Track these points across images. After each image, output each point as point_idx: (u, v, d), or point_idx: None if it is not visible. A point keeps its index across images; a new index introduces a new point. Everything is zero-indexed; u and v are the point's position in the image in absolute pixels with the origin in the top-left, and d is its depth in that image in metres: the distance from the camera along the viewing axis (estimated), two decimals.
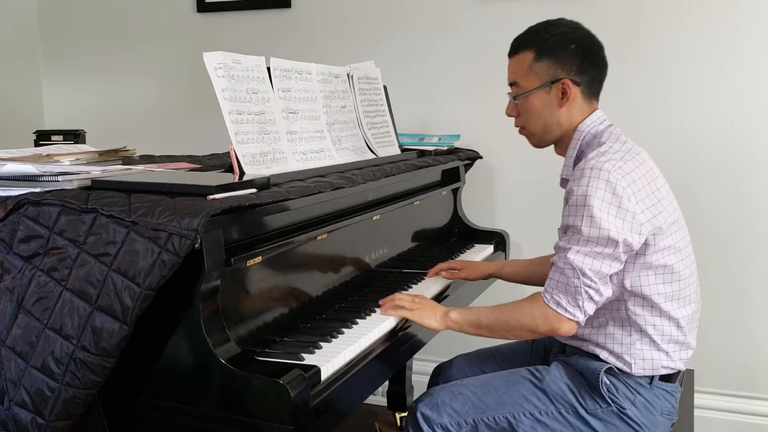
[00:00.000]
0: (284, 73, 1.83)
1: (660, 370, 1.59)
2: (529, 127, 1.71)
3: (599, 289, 1.49)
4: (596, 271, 1.48)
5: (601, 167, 1.50)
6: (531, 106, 1.67)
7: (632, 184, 1.50)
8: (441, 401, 1.65)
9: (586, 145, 1.64)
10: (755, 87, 2.41)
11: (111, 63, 3.31)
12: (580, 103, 1.65)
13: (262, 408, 1.25)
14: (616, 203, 1.48)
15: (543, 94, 1.65)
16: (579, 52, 1.63)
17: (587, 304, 1.49)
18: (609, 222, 1.47)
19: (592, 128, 1.64)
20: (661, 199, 1.55)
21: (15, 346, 1.30)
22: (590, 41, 1.66)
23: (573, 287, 1.49)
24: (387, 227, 2.03)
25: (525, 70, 1.66)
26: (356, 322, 1.62)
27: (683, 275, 1.58)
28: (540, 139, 1.72)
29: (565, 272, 1.50)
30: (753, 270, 2.50)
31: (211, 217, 1.24)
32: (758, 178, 2.45)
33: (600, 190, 1.48)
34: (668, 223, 1.55)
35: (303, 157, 1.80)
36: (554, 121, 1.66)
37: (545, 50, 1.64)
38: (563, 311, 1.50)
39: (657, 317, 1.57)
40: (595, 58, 1.65)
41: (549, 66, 1.63)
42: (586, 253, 1.48)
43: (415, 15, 2.80)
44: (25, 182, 1.46)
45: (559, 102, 1.64)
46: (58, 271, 1.29)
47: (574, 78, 1.63)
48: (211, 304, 1.31)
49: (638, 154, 1.58)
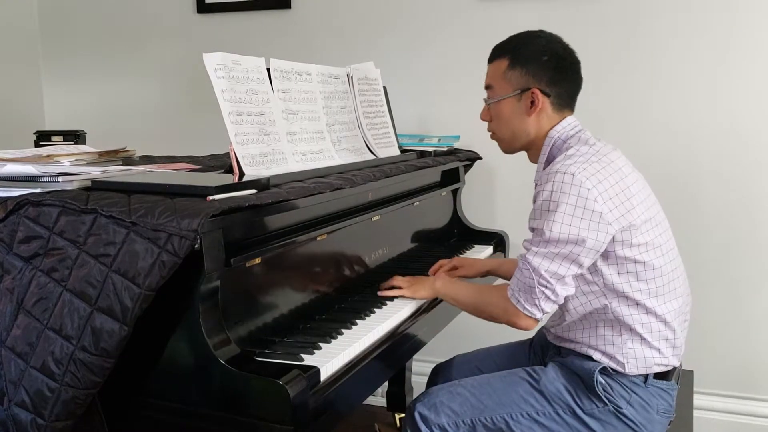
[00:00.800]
0: (284, 74, 1.83)
1: (653, 368, 1.60)
2: (498, 133, 1.76)
3: (555, 289, 1.54)
4: (552, 273, 1.53)
5: (565, 170, 1.53)
6: (501, 113, 1.72)
7: (598, 184, 1.52)
8: (439, 401, 1.65)
9: (556, 150, 1.67)
10: (754, 87, 2.42)
11: (111, 64, 3.31)
12: (549, 113, 1.68)
13: (261, 408, 1.25)
14: (581, 205, 1.50)
15: (513, 102, 1.69)
16: (551, 64, 1.66)
17: (543, 303, 1.56)
18: (572, 224, 1.50)
19: (562, 134, 1.67)
20: (630, 197, 1.56)
21: (15, 346, 1.31)
22: (565, 55, 1.69)
23: (529, 287, 1.56)
24: (387, 228, 2.03)
25: (499, 76, 1.71)
26: (356, 323, 1.62)
27: (665, 271, 1.59)
28: (508, 145, 1.77)
29: (523, 272, 1.57)
30: (752, 270, 2.50)
31: (210, 218, 1.24)
32: (758, 178, 2.45)
33: (564, 193, 1.51)
34: (641, 220, 1.56)
35: (303, 158, 1.80)
36: (522, 128, 1.70)
37: (519, 59, 1.67)
38: (522, 308, 1.57)
39: (644, 314, 1.58)
40: (568, 71, 1.68)
41: (521, 75, 1.67)
42: (543, 255, 1.53)
43: (414, 16, 2.80)
44: (25, 183, 1.47)
45: (527, 110, 1.68)
46: (58, 271, 1.29)
47: (543, 89, 1.66)
48: (211, 305, 1.31)
49: (606, 155, 1.59)
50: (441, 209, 2.51)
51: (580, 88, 1.72)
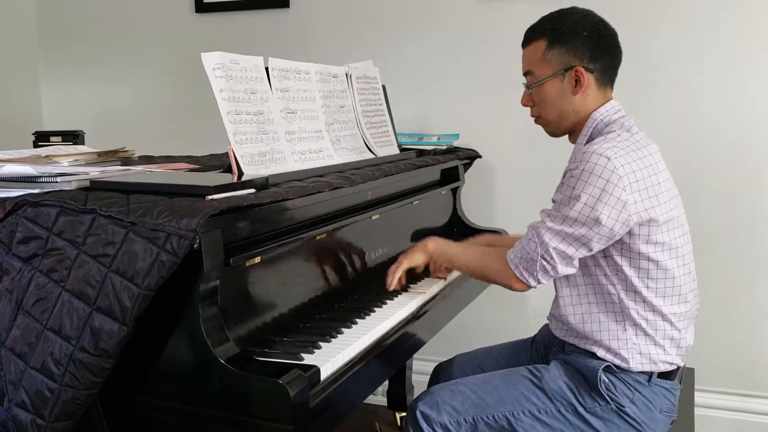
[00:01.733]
0: (282, 73, 1.83)
1: (659, 365, 1.59)
2: (544, 116, 1.72)
3: (556, 266, 1.56)
4: (560, 251, 1.54)
5: (602, 152, 1.51)
6: (545, 95, 1.68)
7: (630, 174, 1.51)
8: (440, 400, 1.65)
9: (597, 133, 1.65)
10: (760, 85, 2.41)
11: (110, 64, 3.31)
12: (594, 90, 1.65)
13: (261, 408, 1.25)
14: (609, 190, 1.49)
15: (557, 82, 1.66)
16: (591, 39, 1.63)
17: (541, 276, 1.58)
18: (595, 207, 1.49)
19: (605, 117, 1.65)
20: (659, 193, 1.55)
21: (14, 347, 1.30)
22: (603, 28, 1.66)
23: (531, 258, 1.57)
24: (386, 227, 2.03)
25: (538, 58, 1.67)
26: (356, 322, 1.62)
27: (677, 273, 1.58)
28: (556, 127, 1.72)
29: (530, 242, 1.58)
30: (754, 268, 2.50)
31: (209, 218, 1.24)
32: (759, 177, 2.45)
33: (595, 175, 1.50)
34: (664, 219, 1.55)
35: (302, 157, 1.80)
36: (569, 108, 1.67)
37: (557, 38, 1.64)
38: (519, 274, 1.60)
39: (649, 312, 1.58)
40: (608, 44, 1.66)
41: (562, 54, 1.64)
42: (557, 232, 1.53)
43: (413, 14, 2.80)
44: (24, 183, 1.46)
45: (573, 90, 1.65)
46: (57, 271, 1.29)
47: (587, 65, 1.63)
48: (210, 305, 1.31)
49: (645, 147, 1.58)
50: (440, 208, 2.50)
51: (620, 59, 1.69)
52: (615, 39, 1.68)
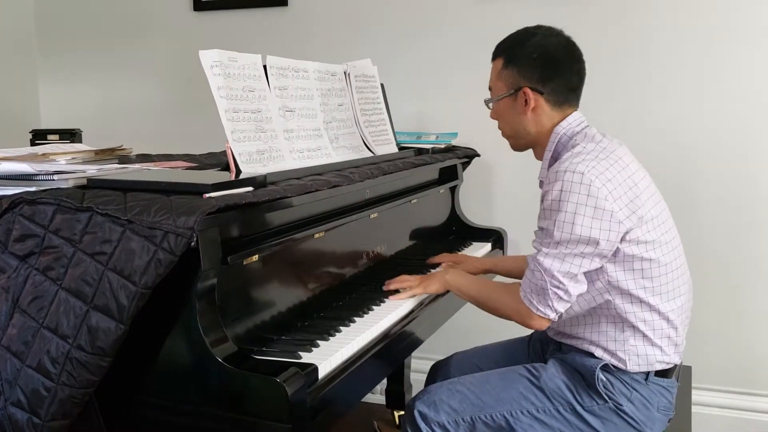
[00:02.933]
0: (281, 71, 1.83)
1: (655, 365, 1.59)
2: (503, 132, 1.78)
3: (567, 289, 1.53)
4: (565, 272, 1.52)
5: (574, 169, 1.51)
6: (501, 112, 1.73)
7: (607, 183, 1.51)
8: (438, 399, 1.65)
9: (561, 147, 1.66)
10: (759, 86, 2.41)
11: (107, 62, 3.30)
12: (546, 110, 1.67)
13: (259, 406, 1.24)
14: (591, 204, 1.49)
15: (509, 101, 1.70)
16: (540, 62, 1.65)
17: (557, 304, 1.55)
18: (583, 224, 1.49)
19: (568, 130, 1.66)
20: (639, 194, 1.55)
21: (10, 345, 1.30)
22: (557, 51, 1.66)
23: (541, 289, 1.55)
24: (384, 225, 2.02)
25: (495, 76, 1.73)
26: (354, 320, 1.62)
27: (670, 268, 1.58)
28: (515, 143, 1.77)
29: (535, 274, 1.56)
30: (752, 267, 2.50)
31: (207, 216, 1.24)
32: (757, 177, 2.45)
33: (574, 193, 1.50)
34: (649, 217, 1.55)
35: (300, 156, 1.79)
36: (521, 127, 1.70)
37: (511, 59, 1.68)
38: (535, 309, 1.56)
39: (646, 312, 1.57)
40: (560, 67, 1.66)
41: (513, 74, 1.68)
42: (554, 256, 1.52)
43: (412, 13, 2.80)
44: (21, 181, 1.46)
45: (523, 109, 1.68)
46: (54, 270, 1.29)
47: (534, 86, 1.65)
48: (208, 303, 1.30)
49: (613, 152, 1.58)
50: (439, 206, 2.50)
51: (579, 81, 1.69)
52: (572, 62, 1.67)
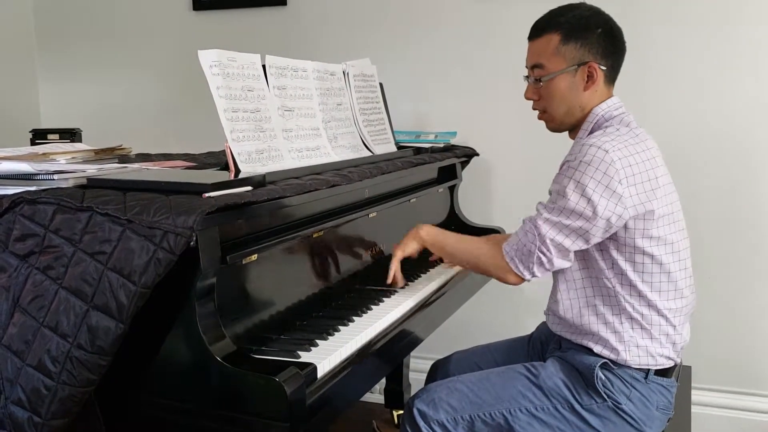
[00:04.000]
0: (280, 71, 1.83)
1: (656, 359, 1.59)
2: (550, 111, 1.70)
3: (552, 259, 1.55)
4: (557, 243, 1.53)
5: (600, 145, 1.52)
6: (556, 89, 1.67)
7: (627, 167, 1.51)
8: (437, 397, 1.65)
9: (597, 128, 1.65)
10: (760, 83, 2.41)
11: (107, 61, 3.30)
12: (601, 87, 1.66)
13: (258, 405, 1.25)
14: (605, 182, 1.49)
15: (569, 77, 1.65)
16: (605, 36, 1.64)
17: (536, 269, 1.56)
18: (592, 198, 1.49)
19: (606, 113, 1.65)
20: (656, 188, 1.55)
21: (11, 344, 1.30)
22: (613, 26, 1.67)
23: (527, 251, 1.56)
24: (383, 225, 2.03)
25: (551, 52, 1.65)
26: (353, 320, 1.62)
27: (672, 269, 1.59)
28: (561, 122, 1.71)
29: (527, 234, 1.57)
30: (752, 267, 2.50)
31: (206, 215, 1.24)
32: (756, 175, 2.45)
33: (593, 167, 1.50)
34: (660, 213, 1.55)
35: (299, 155, 1.80)
36: (577, 104, 1.67)
37: (572, 33, 1.64)
38: (514, 266, 1.58)
39: (644, 306, 1.58)
40: (619, 42, 1.67)
41: (576, 48, 1.63)
42: (554, 224, 1.53)
43: (411, 12, 2.80)
44: (21, 181, 1.46)
45: (584, 85, 1.65)
46: (54, 269, 1.29)
47: (600, 61, 1.64)
48: (207, 302, 1.31)
49: (644, 141, 1.59)
50: (438, 206, 2.51)
51: (624, 58, 1.70)
52: (623, 37, 1.69)
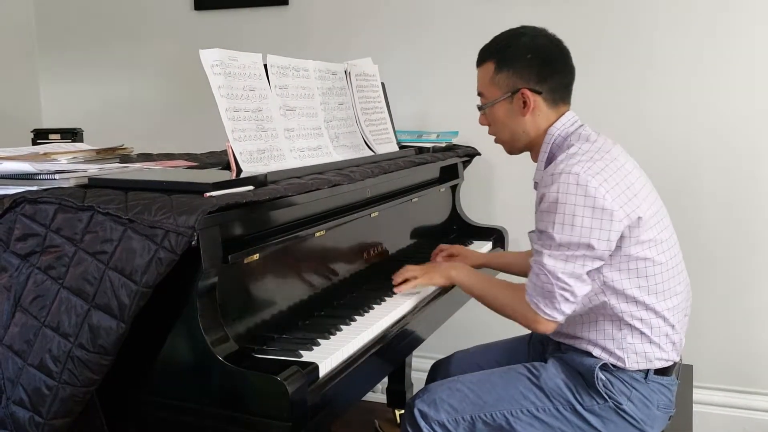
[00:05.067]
0: (281, 70, 1.83)
1: (654, 363, 1.59)
2: (498, 136, 1.76)
3: (573, 290, 1.53)
4: (570, 273, 1.52)
5: (570, 171, 1.51)
6: (496, 117, 1.71)
7: (604, 183, 1.50)
8: (438, 398, 1.65)
9: (556, 148, 1.66)
10: (753, 84, 2.41)
11: (108, 61, 3.31)
12: (544, 110, 1.66)
13: (260, 405, 1.25)
14: (590, 204, 1.49)
15: (506, 105, 1.68)
16: (536, 62, 1.64)
17: (563, 305, 1.53)
18: (583, 225, 1.49)
19: (562, 131, 1.66)
20: (636, 193, 1.55)
21: (12, 344, 1.30)
22: (550, 49, 1.66)
23: (548, 291, 1.53)
24: (385, 224, 2.03)
25: (488, 81, 1.69)
26: (354, 319, 1.62)
27: (666, 267, 1.58)
28: (511, 147, 1.76)
29: (540, 277, 1.54)
30: (752, 266, 2.50)
31: (207, 215, 1.24)
32: (756, 174, 2.45)
33: (571, 195, 1.49)
34: (647, 216, 1.55)
35: (300, 155, 1.80)
36: (520, 129, 1.69)
37: (504, 61, 1.66)
38: (541, 312, 1.55)
39: (642, 311, 1.57)
40: (555, 65, 1.66)
41: (508, 77, 1.65)
42: (557, 257, 1.51)
43: (412, 12, 2.80)
44: (22, 180, 1.46)
45: (521, 111, 1.66)
46: (55, 269, 1.29)
47: (533, 87, 1.64)
48: (209, 302, 1.30)
49: (608, 152, 1.58)
50: (440, 205, 2.50)
51: (572, 78, 1.69)
52: (564, 58, 1.67)
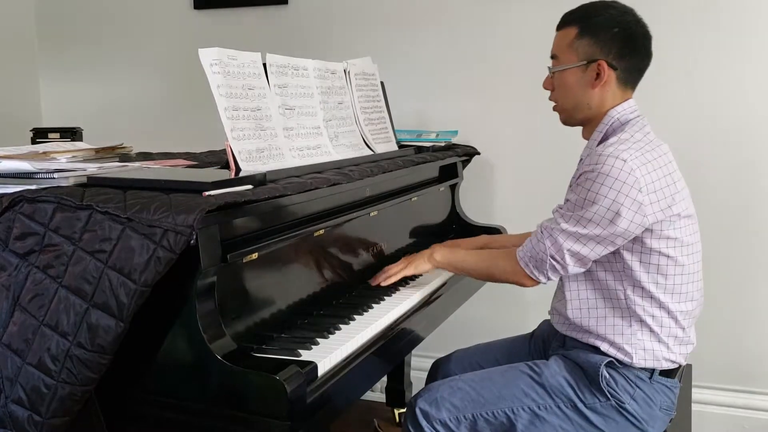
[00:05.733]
0: (280, 69, 1.83)
1: (662, 362, 1.59)
2: (560, 103, 1.71)
3: (566, 266, 1.57)
4: (574, 252, 1.55)
5: (618, 155, 1.51)
6: (565, 82, 1.67)
7: (647, 175, 1.50)
8: (440, 396, 1.65)
9: (612, 131, 1.64)
10: (755, 86, 2.41)
11: (108, 60, 3.30)
12: (613, 87, 1.64)
13: (258, 404, 1.24)
14: (625, 191, 1.49)
15: (578, 72, 1.64)
16: (621, 37, 1.61)
17: (551, 273, 1.59)
18: (611, 208, 1.49)
19: (622, 116, 1.64)
20: (675, 193, 1.55)
21: (11, 343, 1.30)
22: (636, 28, 1.64)
23: (540, 259, 1.58)
24: (384, 223, 2.02)
25: (566, 45, 1.65)
26: (353, 318, 1.62)
27: (687, 270, 1.58)
28: (569, 116, 1.71)
29: (542, 242, 1.58)
30: (753, 265, 2.50)
31: (206, 214, 1.24)
32: (757, 173, 2.45)
33: (612, 177, 1.49)
34: (681, 216, 1.55)
35: (300, 154, 1.79)
36: (585, 101, 1.65)
37: (588, 29, 1.63)
38: (529, 271, 1.62)
39: (656, 308, 1.57)
40: (638, 46, 1.64)
41: (589, 45, 1.62)
42: (571, 234, 1.54)
43: (412, 11, 2.79)
44: (21, 179, 1.46)
45: (592, 83, 1.63)
46: (54, 268, 1.29)
47: (611, 61, 1.61)
48: (208, 301, 1.30)
49: (658, 147, 1.58)
50: (439, 204, 2.50)
51: (648, 64, 1.67)
52: (647, 43, 1.65)
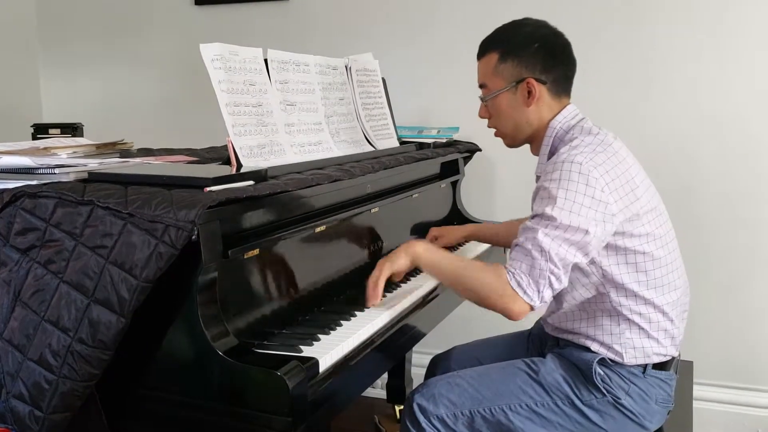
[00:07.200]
0: (282, 65, 1.82)
1: (652, 358, 1.60)
2: (501, 128, 1.74)
3: (560, 277, 1.46)
4: (561, 258, 1.45)
5: (572, 160, 1.51)
6: (500, 107, 1.69)
7: (605, 174, 1.50)
8: (438, 392, 1.65)
9: (558, 141, 1.65)
10: (754, 81, 2.41)
11: (109, 56, 3.30)
12: (548, 100, 1.66)
13: (260, 400, 1.24)
14: (589, 194, 1.48)
15: (509, 95, 1.67)
16: (542, 52, 1.64)
17: (546, 291, 1.45)
18: (581, 213, 1.47)
19: (564, 124, 1.65)
20: (635, 188, 1.54)
21: (12, 338, 1.30)
22: (554, 39, 1.67)
23: (538, 269, 1.45)
24: (385, 220, 2.02)
25: (491, 72, 1.68)
26: (354, 314, 1.62)
27: (664, 262, 1.58)
28: (513, 139, 1.74)
29: (532, 253, 1.45)
30: (752, 262, 2.50)
31: (208, 209, 1.24)
32: (756, 171, 2.45)
33: (572, 182, 1.49)
34: (645, 210, 1.55)
35: (301, 150, 1.79)
36: (524, 120, 1.68)
37: (509, 51, 1.65)
38: (522, 293, 1.45)
39: (642, 305, 1.57)
40: (560, 55, 1.66)
41: (513, 66, 1.65)
42: (554, 237, 1.45)
43: (413, 7, 2.79)
44: (22, 175, 1.46)
45: (525, 101, 1.66)
46: (55, 263, 1.29)
47: (539, 77, 1.64)
48: (209, 297, 1.30)
49: (610, 145, 1.58)
50: (440, 201, 2.50)
51: (574, 69, 1.69)
52: (567, 50, 1.68)
